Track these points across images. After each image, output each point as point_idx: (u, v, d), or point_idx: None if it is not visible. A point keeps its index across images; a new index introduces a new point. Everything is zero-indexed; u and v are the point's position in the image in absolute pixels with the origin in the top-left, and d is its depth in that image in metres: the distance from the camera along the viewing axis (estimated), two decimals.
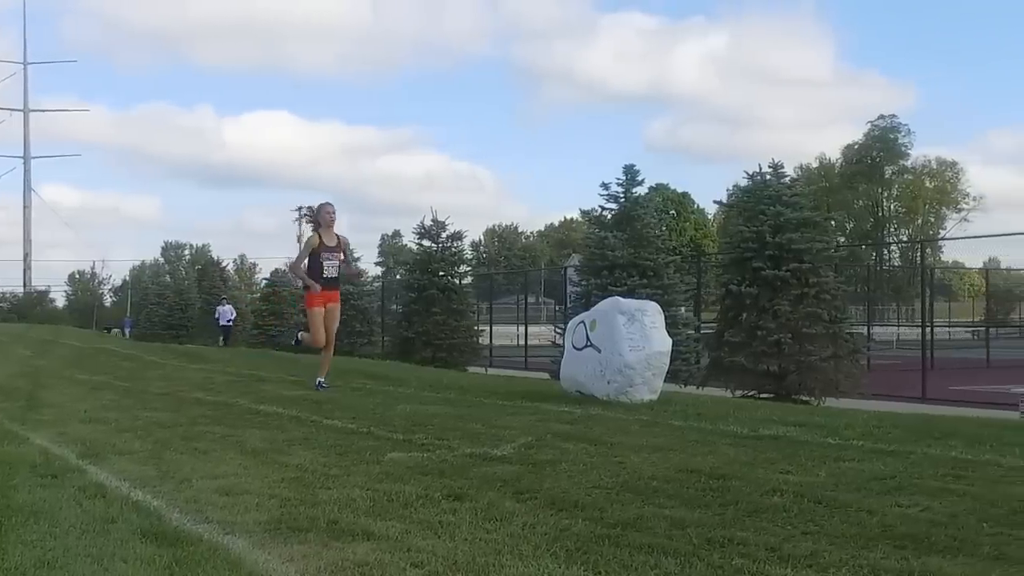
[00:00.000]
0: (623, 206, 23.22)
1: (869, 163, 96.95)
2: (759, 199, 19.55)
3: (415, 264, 30.84)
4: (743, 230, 19.35)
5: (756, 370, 18.46)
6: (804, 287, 18.76)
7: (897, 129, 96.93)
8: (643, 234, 22.72)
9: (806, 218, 19.44)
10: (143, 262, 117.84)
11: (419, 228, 30.65)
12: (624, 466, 6.81)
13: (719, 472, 6.51)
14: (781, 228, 18.92)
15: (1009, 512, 5.40)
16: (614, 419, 9.48)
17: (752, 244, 18.84)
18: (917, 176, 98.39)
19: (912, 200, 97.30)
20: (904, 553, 4.59)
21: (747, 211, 20.02)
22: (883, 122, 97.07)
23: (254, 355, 27.71)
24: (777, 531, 4.99)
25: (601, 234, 22.87)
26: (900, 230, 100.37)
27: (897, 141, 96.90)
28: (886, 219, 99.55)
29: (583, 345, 11.61)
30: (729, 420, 9.41)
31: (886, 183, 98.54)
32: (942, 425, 9.51)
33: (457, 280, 31.27)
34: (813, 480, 6.31)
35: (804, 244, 18.86)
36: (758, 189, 19.95)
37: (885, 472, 6.57)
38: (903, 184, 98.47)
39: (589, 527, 5.04)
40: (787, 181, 20.45)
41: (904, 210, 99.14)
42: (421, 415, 9.83)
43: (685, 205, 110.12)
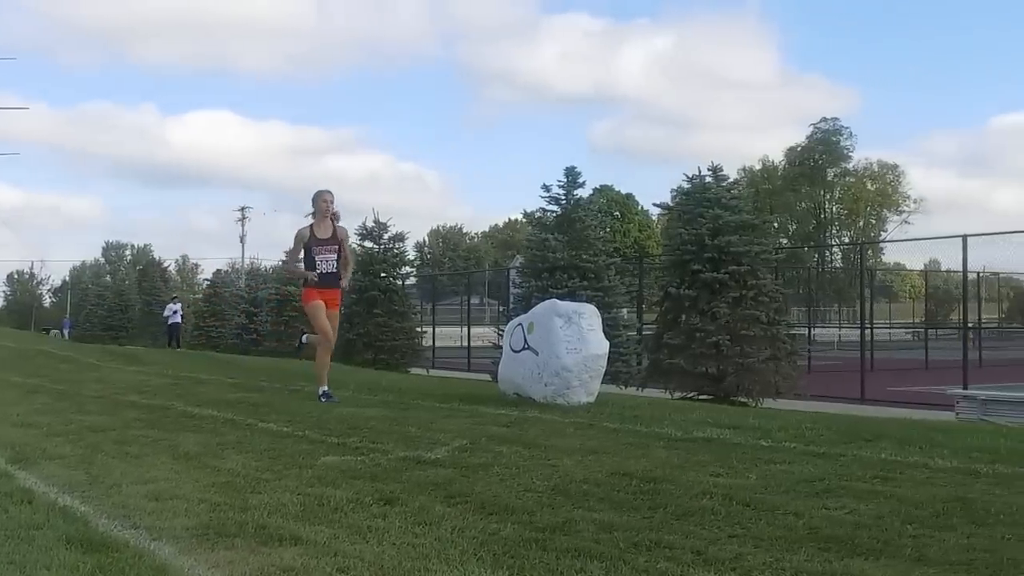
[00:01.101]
0: (564, 208, 23.32)
1: (811, 165, 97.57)
2: (698, 202, 19.70)
3: (357, 265, 30.76)
4: (682, 233, 19.48)
5: (695, 372, 18.59)
6: (743, 289, 18.91)
7: (839, 132, 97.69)
8: (584, 236, 22.83)
9: (745, 221, 19.60)
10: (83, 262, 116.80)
11: (361, 229, 30.61)
12: (557, 469, 6.83)
13: (651, 475, 6.54)
14: (720, 231, 19.06)
15: (932, 514, 5.47)
16: (550, 422, 9.49)
17: (691, 247, 18.97)
18: (859, 179, 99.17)
19: (854, 202, 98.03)
20: (828, 556, 4.65)
21: (686, 214, 20.16)
22: (825, 125, 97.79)
23: (193, 357, 27.54)
24: (704, 534, 5.03)
25: (542, 236, 22.95)
26: (842, 232, 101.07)
27: (839, 144, 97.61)
28: (828, 221, 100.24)
29: (521, 347, 11.62)
30: (664, 423, 9.45)
31: (828, 185, 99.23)
32: (873, 427, 9.61)
33: (400, 282, 31.26)
34: (743, 483, 6.36)
35: (743, 247, 19.02)
36: (697, 192, 20.11)
37: (814, 474, 6.63)
38: (845, 186, 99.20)
39: (518, 531, 5.06)
40: (726, 184, 20.60)
41: (846, 212, 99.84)
42: (357, 418, 9.80)
43: (629, 206, 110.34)
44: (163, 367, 19.93)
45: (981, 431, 9.72)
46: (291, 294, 36.20)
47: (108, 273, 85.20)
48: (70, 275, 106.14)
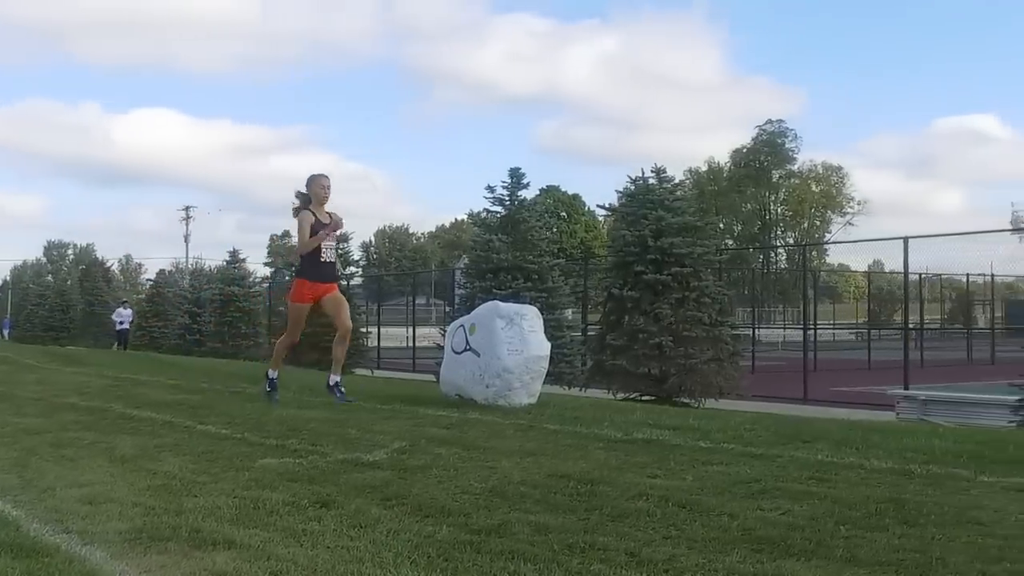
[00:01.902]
0: (509, 209, 23.35)
1: (757, 167, 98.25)
2: (641, 204, 19.80)
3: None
4: (625, 234, 19.55)
5: (637, 373, 18.68)
6: (685, 291, 19.03)
7: (784, 134, 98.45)
8: (528, 237, 22.88)
9: (687, 223, 19.72)
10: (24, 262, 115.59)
11: None
12: (495, 471, 6.83)
13: (588, 477, 6.56)
14: (663, 232, 19.16)
15: (865, 514, 5.52)
16: (491, 423, 9.50)
17: (634, 248, 19.06)
18: (803, 180, 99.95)
19: (798, 204, 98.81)
20: (760, 557, 4.67)
21: (630, 215, 20.25)
22: (771, 127, 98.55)
23: (135, 358, 27.33)
24: (638, 536, 5.04)
25: (486, 237, 22.98)
26: (787, 233, 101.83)
27: (784, 146, 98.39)
28: (773, 222, 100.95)
29: (462, 349, 11.63)
30: (605, 424, 9.47)
31: (773, 187, 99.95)
32: (812, 428, 9.68)
33: (345, 282, 31.16)
34: (679, 484, 6.39)
35: (685, 248, 19.13)
36: (641, 194, 20.21)
37: (751, 476, 6.68)
38: (790, 188, 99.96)
39: (453, 533, 5.05)
40: (670, 186, 20.71)
41: (791, 214, 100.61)
42: (297, 420, 9.75)
43: (576, 207, 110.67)
44: (103, 368, 19.77)
45: (917, 432, 9.81)
46: (234, 295, 36.02)
47: (49, 273, 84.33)
48: (10, 275, 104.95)
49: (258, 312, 38.19)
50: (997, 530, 5.19)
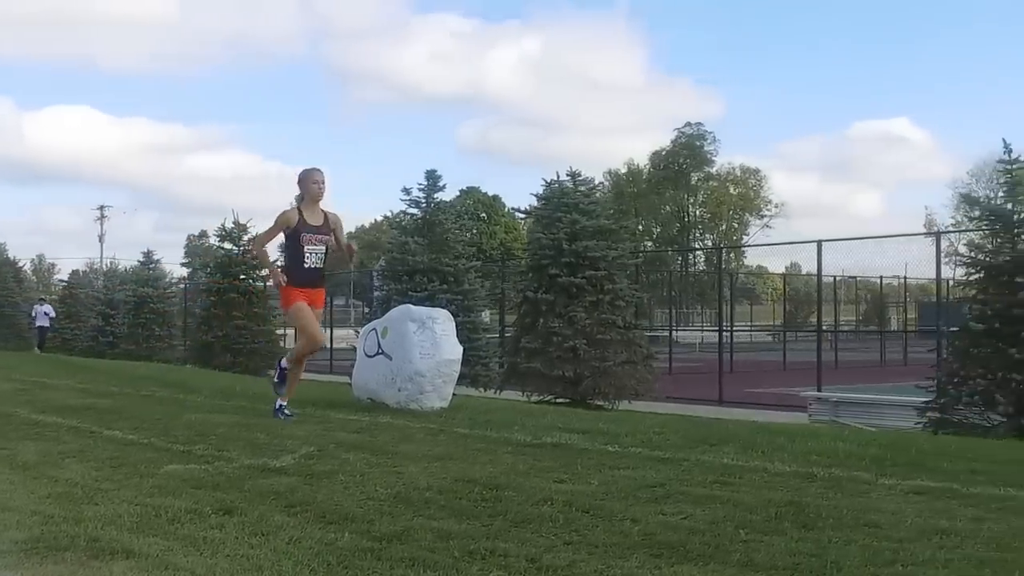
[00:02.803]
0: (425, 211, 23.36)
1: (676, 169, 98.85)
2: (556, 207, 19.89)
3: (216, 267, 30.42)
4: (540, 237, 19.63)
5: (551, 375, 18.75)
6: (599, 294, 19.14)
7: (703, 136, 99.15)
8: (444, 239, 22.89)
9: (602, 226, 19.83)
10: None
11: (220, 230, 30.27)
12: (402, 476, 6.83)
13: (495, 482, 6.58)
14: (577, 236, 19.26)
15: (765, 518, 5.58)
16: (401, 427, 9.49)
17: (549, 251, 19.12)
18: (722, 183, 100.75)
19: (717, 206, 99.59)
20: (659, 562, 4.72)
21: (545, 218, 20.33)
22: (690, 129, 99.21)
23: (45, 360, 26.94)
24: (540, 541, 5.07)
25: (402, 239, 22.95)
26: (705, 235, 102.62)
27: (703, 148, 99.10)
28: (692, 224, 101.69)
29: (374, 352, 11.61)
30: (515, 427, 9.49)
31: (692, 189, 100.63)
32: (720, 431, 9.78)
33: (261, 284, 30.98)
34: (585, 489, 6.42)
35: (600, 252, 19.23)
36: (556, 197, 20.30)
37: (656, 480, 6.73)
38: (708, 190, 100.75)
39: (355, 540, 5.05)
40: (585, 189, 20.80)
41: (709, 216, 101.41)
42: (206, 425, 9.68)
43: (496, 208, 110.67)
44: (11, 371, 19.43)
45: (822, 434, 9.94)
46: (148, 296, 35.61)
47: None
48: None
49: (172, 314, 37.81)
50: (893, 533, 5.27)
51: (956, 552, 4.89)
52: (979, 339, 14.49)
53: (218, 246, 30.82)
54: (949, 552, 4.88)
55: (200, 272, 58.96)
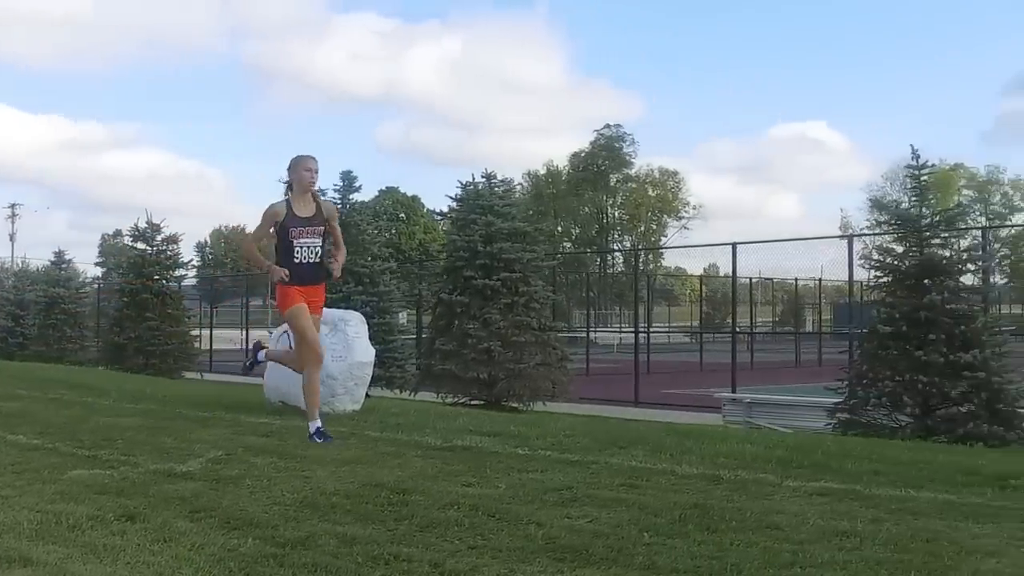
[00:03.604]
0: (341, 212, 23.24)
1: (595, 171, 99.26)
2: (472, 209, 19.91)
3: (128, 267, 30.05)
4: (456, 239, 19.65)
5: (466, 377, 18.77)
6: (514, 296, 19.19)
7: (622, 138, 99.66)
8: (360, 241, 22.79)
9: (517, 228, 19.88)
10: None
11: (133, 230, 29.93)
12: (309, 481, 6.79)
13: (402, 486, 6.56)
14: (493, 238, 19.29)
15: (670, 521, 5.63)
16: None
17: (464, 253, 19.14)
18: (640, 184, 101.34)
19: (635, 208, 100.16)
20: (562, 566, 4.74)
21: (460, 220, 20.37)
22: (609, 131, 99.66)
23: None
24: (445, 546, 5.07)
25: None
26: (624, 237, 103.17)
27: (622, 150, 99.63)
28: (610, 226, 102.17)
29: None
30: (426, 430, 9.50)
31: (611, 191, 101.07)
32: (630, 433, 9.86)
33: (176, 285, 30.70)
34: (492, 492, 6.44)
35: (515, 254, 19.28)
36: (471, 199, 20.33)
37: (564, 483, 6.76)
38: (627, 192, 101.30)
39: (258, 546, 5.02)
40: (500, 191, 20.84)
41: (628, 217, 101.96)
42: (114, 429, 9.55)
43: (415, 208, 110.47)
44: None
45: (731, 437, 10.04)
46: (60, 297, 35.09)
47: None
48: None
49: (85, 315, 37.27)
50: (793, 535, 5.34)
51: (854, 554, 4.97)
52: (887, 341, 14.72)
53: (131, 246, 30.44)
54: (848, 554, 4.96)
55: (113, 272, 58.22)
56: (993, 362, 14.34)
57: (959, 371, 14.06)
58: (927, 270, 14.72)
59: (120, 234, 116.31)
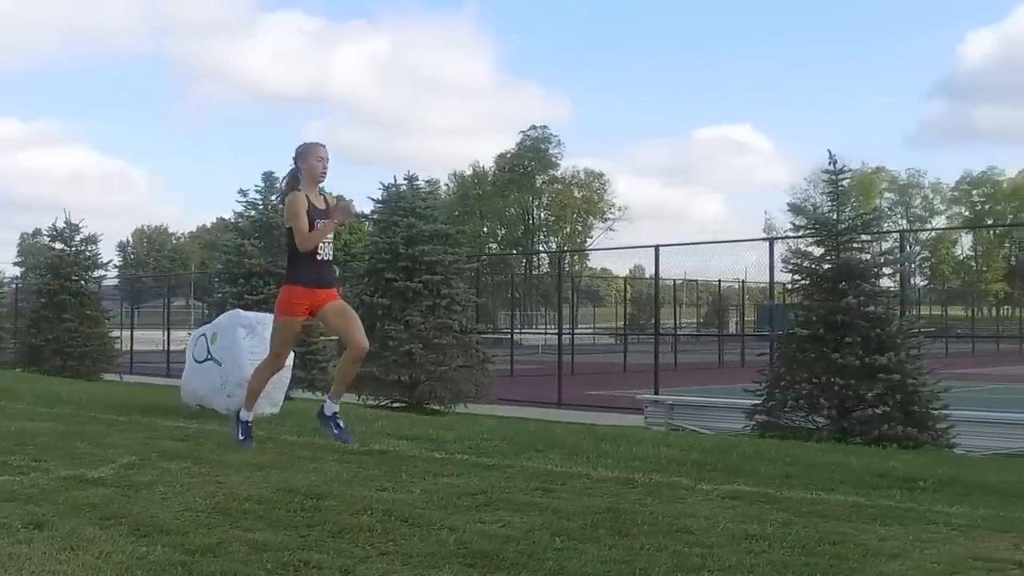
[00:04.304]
0: (262, 213, 23.14)
1: (521, 172, 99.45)
2: (394, 211, 19.90)
3: (46, 268, 29.67)
4: (377, 241, 19.64)
5: (387, 380, 18.75)
6: (436, 298, 19.20)
7: (548, 139, 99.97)
8: (281, 242, 22.66)
9: (439, 230, 19.89)
10: None
11: (51, 230, 29.57)
12: (222, 486, 6.74)
13: (316, 491, 6.53)
14: (414, 240, 19.28)
15: (582, 525, 5.64)
16: (228, 435, 9.31)
17: (386, 255, 19.12)
18: (566, 186, 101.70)
19: (561, 209, 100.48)
20: (472, 571, 4.74)
21: (382, 222, 20.36)
22: (535, 132, 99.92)
23: None
24: (356, 552, 5.05)
25: (238, 241, 22.69)
26: (549, 238, 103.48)
27: (548, 151, 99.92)
28: (536, 227, 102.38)
29: (204, 358, 11.46)
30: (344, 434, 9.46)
31: (536, 192, 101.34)
32: (547, 436, 9.89)
33: (95, 285, 30.37)
34: (406, 497, 6.42)
35: (437, 256, 19.28)
36: (393, 201, 20.32)
37: (479, 487, 6.76)
38: (553, 193, 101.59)
39: (166, 554, 4.96)
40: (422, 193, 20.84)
41: (554, 218, 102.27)
42: (25, 433, 9.40)
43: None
44: None
45: (647, 440, 10.10)
46: None
47: None
48: None
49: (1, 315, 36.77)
50: (704, 539, 5.38)
51: (762, 557, 5.01)
52: (804, 344, 14.89)
53: (49, 246, 30.05)
54: (756, 557, 5.00)
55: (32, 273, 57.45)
56: (908, 364, 14.53)
57: (875, 373, 14.25)
58: (844, 273, 14.90)
59: (40, 233, 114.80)
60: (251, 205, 23.31)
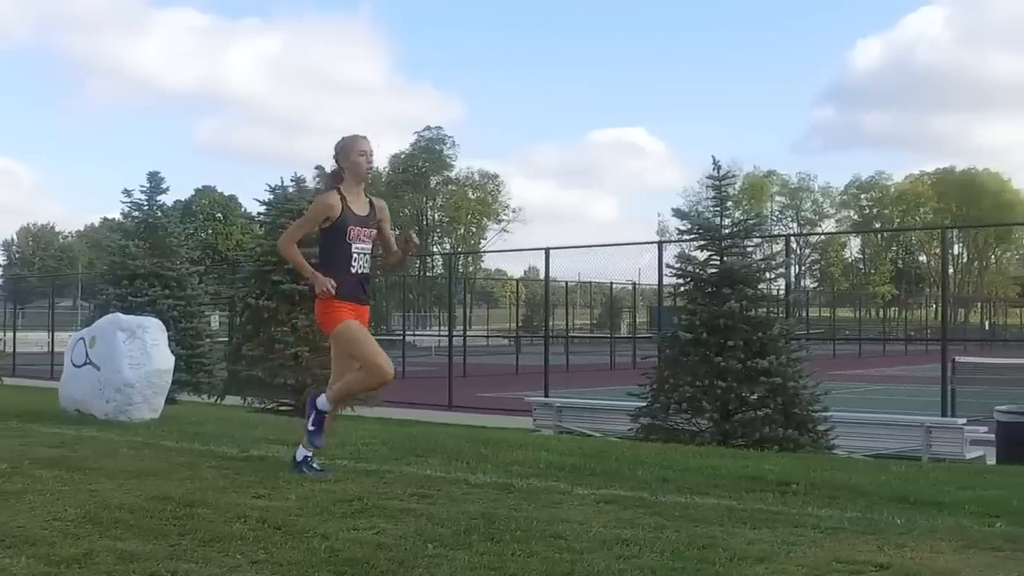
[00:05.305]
0: (147, 214, 22.85)
1: (415, 173, 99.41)
2: (281, 212, 19.80)
3: None
4: (263, 243, 19.51)
5: (274, 383, 18.63)
6: None
7: (443, 140, 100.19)
8: (167, 243, 22.44)
9: None
10: None
11: None
12: (95, 495, 6.64)
13: (190, 498, 6.48)
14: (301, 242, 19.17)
15: (455, 532, 5.66)
16: (105, 441, 9.25)
17: (271, 257, 18.96)
18: (460, 187, 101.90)
19: (455, 210, 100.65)
20: None
21: (269, 224, 20.26)
22: (429, 133, 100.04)
23: None
24: (226, 561, 5.01)
25: (122, 242, 22.37)
26: (444, 239, 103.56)
27: (442, 152, 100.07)
28: (430, 228, 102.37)
29: (82, 362, 11.30)
30: (224, 440, 9.41)
31: (431, 193, 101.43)
32: (428, 441, 9.90)
33: None
34: (281, 504, 6.40)
35: None
36: (279, 202, 20.23)
37: (355, 493, 6.75)
38: (447, 194, 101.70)
39: (31, 565, 4.88)
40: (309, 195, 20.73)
41: (448, 220, 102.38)
42: None
43: (233, 208, 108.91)
44: None
45: (527, 444, 10.15)
46: None
47: None
48: None
49: None
50: (575, 544, 5.43)
51: (631, 562, 5.07)
52: (687, 348, 15.08)
53: None
54: (625, 562, 5.06)
55: None
56: (789, 367, 14.79)
57: (756, 376, 14.48)
58: (727, 278, 15.11)
59: None
60: (136, 205, 22.99)
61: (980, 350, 47.34)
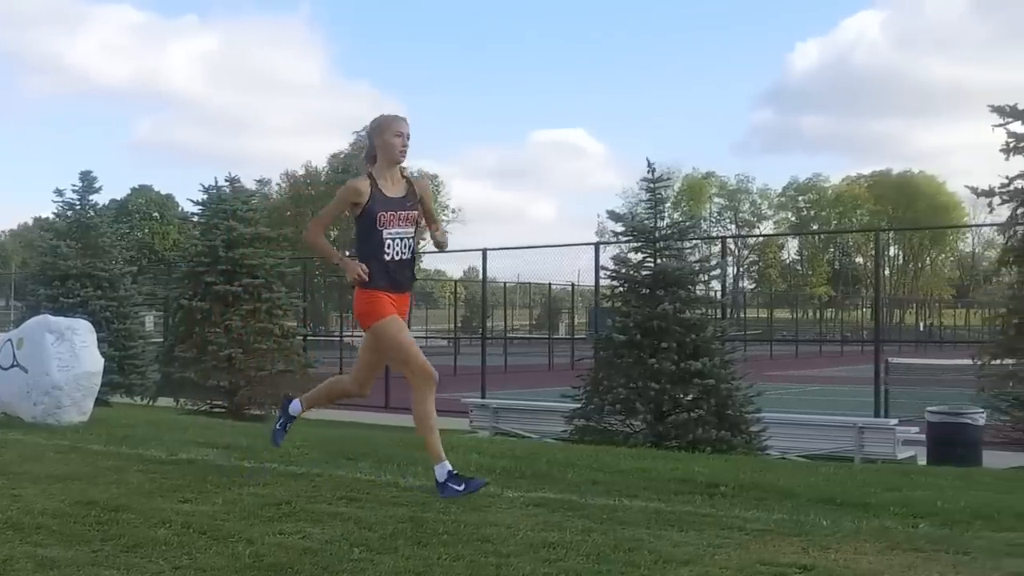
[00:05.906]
0: (79, 214, 22.63)
1: (355, 173, 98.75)
2: (215, 213, 19.72)
3: None
4: (197, 244, 19.42)
5: (207, 385, 18.54)
6: (257, 302, 19.05)
7: None
8: (99, 243, 22.25)
9: (260, 233, 19.73)
10: None
11: None
12: (18, 500, 6.55)
13: (115, 503, 6.40)
14: (235, 243, 19.10)
15: (382, 536, 5.64)
16: (32, 445, 9.12)
17: (205, 258, 18.91)
18: None
19: None
20: None
21: (203, 224, 20.16)
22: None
23: None
24: (149, 567, 4.97)
25: (54, 243, 22.14)
26: None
27: None
28: None
29: (9, 365, 11.13)
30: (153, 443, 9.29)
31: None
32: (360, 444, 9.86)
33: None
34: (207, 509, 6.34)
35: (257, 260, 19.13)
36: (214, 203, 20.13)
37: (283, 497, 6.70)
38: None
39: None
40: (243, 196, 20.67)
41: None
42: None
43: (169, 207, 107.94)
44: None
45: (459, 446, 10.04)
46: None
47: None
48: None
49: None
50: (502, 547, 5.42)
51: (557, 565, 5.07)
52: (621, 349, 15.14)
53: None
54: (550, 566, 5.06)
55: None
56: (722, 369, 14.89)
57: (689, 378, 14.57)
58: (660, 280, 15.19)
59: None
60: (68, 205, 22.75)
61: (915, 351, 47.89)
